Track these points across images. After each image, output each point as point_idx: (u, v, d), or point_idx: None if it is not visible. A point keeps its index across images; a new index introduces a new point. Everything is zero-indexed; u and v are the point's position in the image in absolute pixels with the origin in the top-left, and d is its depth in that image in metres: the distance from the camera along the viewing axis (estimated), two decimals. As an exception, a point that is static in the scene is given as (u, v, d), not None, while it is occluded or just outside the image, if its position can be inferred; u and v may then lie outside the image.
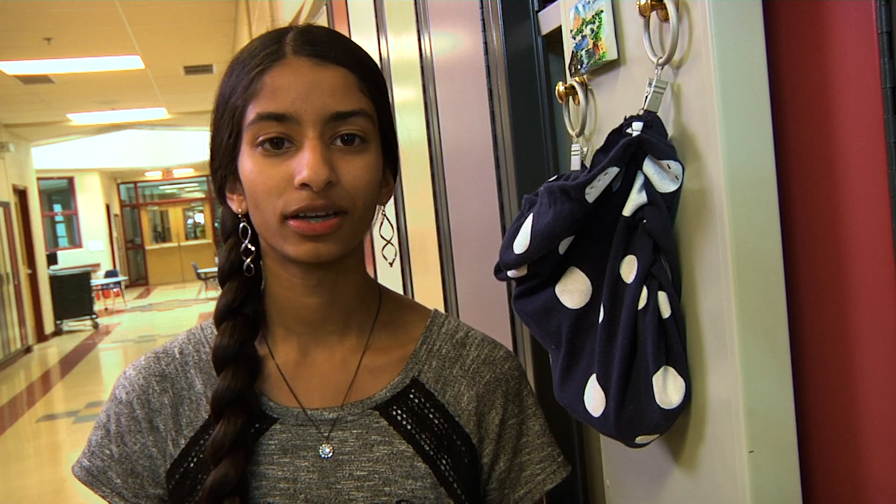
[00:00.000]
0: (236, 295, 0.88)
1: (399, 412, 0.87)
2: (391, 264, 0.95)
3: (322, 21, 3.34)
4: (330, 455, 0.85)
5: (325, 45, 0.81)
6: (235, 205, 0.87)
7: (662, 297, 0.75)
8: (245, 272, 0.88)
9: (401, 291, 2.19)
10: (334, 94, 0.79)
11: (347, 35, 2.69)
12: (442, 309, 1.20)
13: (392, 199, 2.16)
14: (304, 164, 0.77)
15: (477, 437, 0.89)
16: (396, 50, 2.03)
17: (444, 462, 0.86)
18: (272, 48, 0.81)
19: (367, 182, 0.81)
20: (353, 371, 0.88)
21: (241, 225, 0.88)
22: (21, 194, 11.59)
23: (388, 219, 0.91)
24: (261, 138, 0.79)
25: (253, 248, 0.88)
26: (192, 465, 0.86)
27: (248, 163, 0.81)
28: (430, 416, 0.88)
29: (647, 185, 0.75)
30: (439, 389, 0.89)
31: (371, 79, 0.84)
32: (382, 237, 0.91)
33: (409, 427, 0.87)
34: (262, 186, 0.79)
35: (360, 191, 0.81)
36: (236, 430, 0.82)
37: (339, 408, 0.87)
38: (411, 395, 0.88)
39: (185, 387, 0.90)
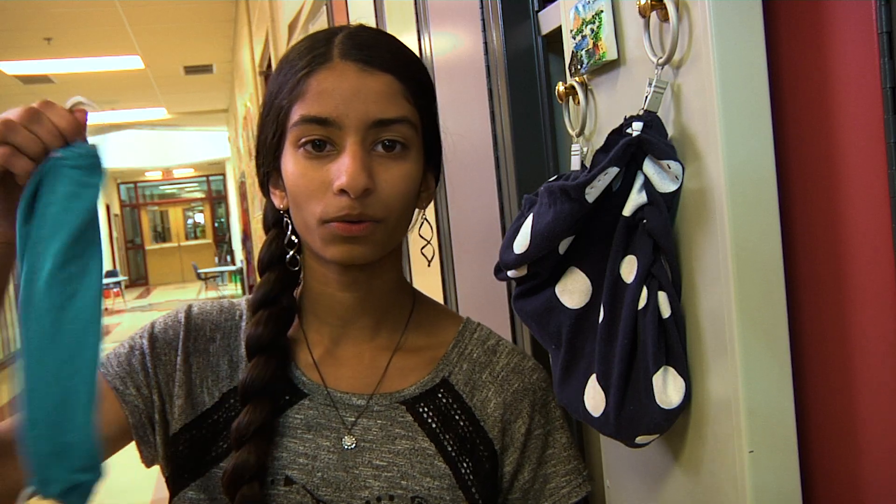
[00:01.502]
0: (274, 286, 0.90)
1: (426, 409, 0.88)
2: (429, 264, 0.97)
3: (322, 21, 3.34)
4: (353, 447, 0.85)
5: (372, 50, 0.82)
6: (278, 200, 0.89)
7: (662, 297, 0.75)
8: (289, 265, 0.90)
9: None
10: (378, 101, 0.80)
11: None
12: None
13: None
14: (344, 170, 0.78)
15: (500, 444, 0.89)
16: (396, 50, 2.03)
17: (465, 465, 0.87)
18: (320, 50, 0.82)
19: (403, 192, 0.82)
20: (382, 368, 0.90)
21: (284, 220, 0.90)
22: (21, 194, 11.58)
23: (427, 221, 0.92)
24: (303, 140, 0.81)
25: (296, 240, 0.89)
26: (221, 419, 0.88)
27: (290, 163, 0.82)
28: (457, 417, 0.88)
29: (647, 185, 0.75)
30: (468, 392, 0.90)
31: (417, 85, 0.84)
32: (422, 237, 0.93)
33: (433, 425, 0.87)
34: (302, 189, 0.81)
35: (396, 200, 0.82)
36: (261, 418, 0.84)
37: (368, 397, 0.88)
38: (440, 395, 0.89)
39: (233, 346, 0.91)
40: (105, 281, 14.25)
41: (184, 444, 0.88)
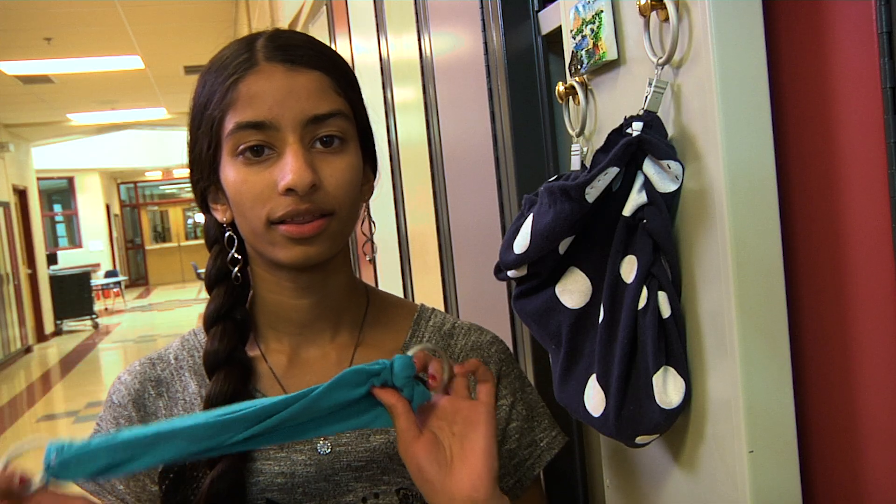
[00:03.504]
0: (224, 300, 0.89)
1: None
2: (370, 261, 0.97)
3: (322, 21, 3.34)
4: (328, 452, 0.85)
5: (296, 49, 0.82)
6: (220, 214, 0.88)
7: (662, 297, 0.75)
8: (233, 280, 0.89)
9: (400, 291, 2.20)
10: (310, 97, 0.80)
11: (347, 35, 2.69)
12: (442, 309, 1.21)
13: (392, 199, 2.16)
14: (288, 169, 0.78)
15: None
16: (396, 50, 2.03)
17: None
18: (244, 56, 0.82)
19: (349, 182, 0.82)
20: (346, 367, 0.89)
21: (227, 234, 0.88)
22: (21, 194, 11.59)
23: (370, 216, 0.92)
24: (241, 147, 0.80)
25: (239, 257, 0.88)
26: (186, 463, 0.86)
27: (231, 173, 0.81)
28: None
29: (647, 185, 0.75)
30: None
31: (345, 79, 0.84)
32: (364, 234, 0.92)
33: None
34: (247, 195, 0.80)
35: (344, 191, 0.81)
36: None
37: None
38: None
39: (180, 389, 0.91)
40: (105, 281, 14.00)
41: (160, 496, 0.87)
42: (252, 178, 0.80)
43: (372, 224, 0.94)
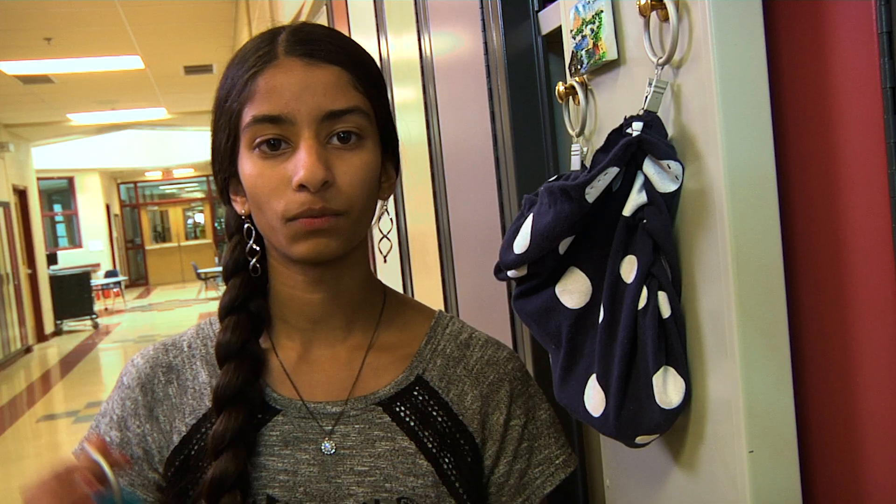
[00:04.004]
0: (239, 291, 0.89)
1: (402, 409, 0.87)
2: (385, 258, 0.96)
3: (322, 21, 3.34)
4: (332, 451, 0.85)
5: (316, 44, 0.82)
6: (239, 206, 0.88)
7: (662, 297, 0.75)
8: (251, 272, 0.89)
9: (400, 291, 2.20)
10: (327, 92, 0.80)
11: (347, 35, 2.69)
12: (442, 309, 1.21)
13: (392, 198, 2.16)
14: (301, 164, 0.78)
15: (480, 437, 0.89)
16: (396, 50, 2.03)
17: (446, 460, 0.86)
18: (265, 49, 0.82)
19: (363, 181, 0.82)
20: (357, 368, 0.89)
21: (246, 226, 0.89)
22: (21, 194, 11.59)
23: (388, 213, 0.92)
24: (258, 140, 0.80)
25: (258, 248, 0.88)
26: (193, 451, 0.87)
27: (248, 165, 0.82)
28: (434, 413, 0.88)
29: (647, 185, 0.75)
30: (443, 388, 0.89)
31: (366, 74, 0.84)
32: (380, 230, 0.92)
33: (412, 424, 0.87)
34: (261, 189, 0.80)
35: (357, 190, 0.81)
36: (237, 424, 0.83)
37: (343, 402, 0.87)
38: (415, 393, 0.88)
39: (190, 378, 0.91)
40: (105, 281, 14.01)
41: (165, 489, 0.87)
42: (267, 172, 0.80)
43: (390, 221, 0.93)
